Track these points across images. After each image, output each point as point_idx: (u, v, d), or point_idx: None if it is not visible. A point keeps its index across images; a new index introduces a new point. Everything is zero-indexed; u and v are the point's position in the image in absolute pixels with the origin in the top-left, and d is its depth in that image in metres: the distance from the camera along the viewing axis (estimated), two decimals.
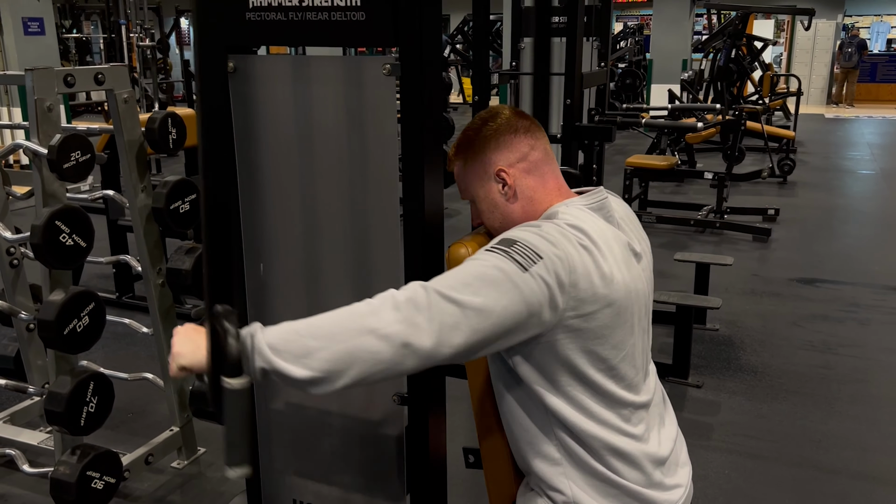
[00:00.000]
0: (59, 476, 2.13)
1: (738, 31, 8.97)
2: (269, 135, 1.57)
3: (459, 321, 1.09)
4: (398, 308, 1.09)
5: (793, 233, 5.82)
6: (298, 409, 1.74)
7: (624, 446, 1.28)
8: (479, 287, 1.12)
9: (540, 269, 1.15)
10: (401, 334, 1.07)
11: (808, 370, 3.47)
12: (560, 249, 1.18)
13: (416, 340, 1.07)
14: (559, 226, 1.25)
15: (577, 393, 1.26)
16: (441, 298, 1.10)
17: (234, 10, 1.48)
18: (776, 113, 11.49)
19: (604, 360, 1.24)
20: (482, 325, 1.11)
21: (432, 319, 1.08)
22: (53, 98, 2.13)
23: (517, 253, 1.16)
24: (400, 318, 1.08)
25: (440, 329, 1.08)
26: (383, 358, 1.07)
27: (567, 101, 3.21)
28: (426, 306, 1.09)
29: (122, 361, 3.58)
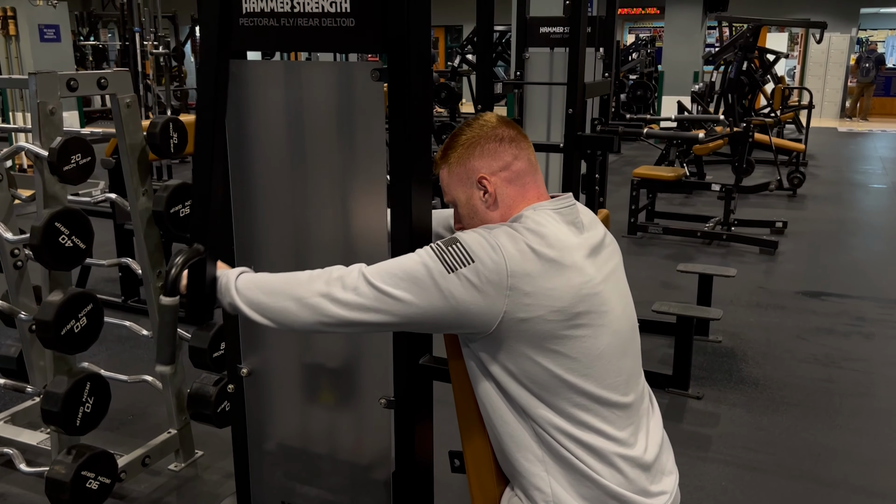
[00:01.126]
0: (54, 475, 2.15)
1: (750, 44, 8.94)
2: (261, 138, 1.59)
3: (376, 306, 1.26)
4: (328, 283, 1.29)
5: (800, 246, 5.79)
6: (287, 412, 1.75)
7: (602, 447, 1.28)
8: (403, 280, 1.25)
9: (467, 273, 1.24)
10: (318, 306, 1.28)
11: (811, 383, 3.44)
12: (498, 254, 1.24)
13: (332, 312, 1.27)
14: (514, 230, 1.29)
15: (550, 393, 1.28)
16: (366, 284, 1.27)
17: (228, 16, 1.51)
18: (788, 126, 11.45)
19: (572, 359, 1.26)
20: (401, 312, 1.26)
21: (351, 300, 1.27)
22: (56, 101, 2.16)
23: (451, 253, 1.25)
24: (325, 291, 1.28)
25: (357, 307, 1.26)
26: (303, 321, 1.30)
27: (569, 111, 3.21)
28: (352, 287, 1.27)
29: (125, 364, 3.60)
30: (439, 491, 1.69)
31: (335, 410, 1.71)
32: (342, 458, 1.72)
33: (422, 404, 1.58)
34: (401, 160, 1.41)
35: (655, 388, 3.31)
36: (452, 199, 1.44)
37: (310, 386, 1.72)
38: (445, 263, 1.24)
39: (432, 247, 1.28)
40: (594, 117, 3.70)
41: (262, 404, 1.75)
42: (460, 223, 1.45)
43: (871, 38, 17.64)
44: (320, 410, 1.73)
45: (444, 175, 1.43)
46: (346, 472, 1.72)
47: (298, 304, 1.30)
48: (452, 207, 1.46)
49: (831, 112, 15.68)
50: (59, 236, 2.09)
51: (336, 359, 1.68)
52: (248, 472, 1.81)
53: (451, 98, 8.05)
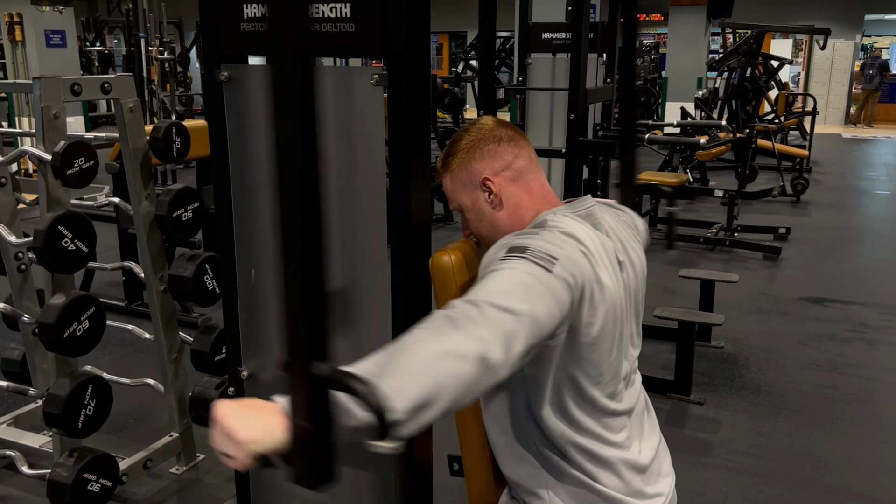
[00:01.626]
0: (55, 478, 2.16)
1: (754, 51, 8.96)
2: (261, 143, 1.60)
3: (517, 329, 1.04)
4: (458, 326, 1.01)
5: (804, 252, 5.78)
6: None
7: (603, 453, 1.29)
8: (521, 293, 1.08)
9: (559, 270, 1.14)
10: (475, 350, 0.98)
11: (813, 389, 3.43)
12: (566, 252, 1.19)
13: (489, 354, 0.99)
14: (554, 233, 1.25)
15: (561, 399, 1.27)
16: (495, 309, 1.04)
17: (228, 21, 1.52)
18: (793, 132, 11.44)
19: (595, 365, 1.25)
20: (533, 330, 1.07)
21: (494, 331, 1.02)
22: (60, 106, 2.18)
23: (535, 257, 1.15)
24: (466, 335, 1.00)
25: (504, 339, 1.02)
26: (467, 378, 0.97)
27: (570, 117, 3.22)
28: (483, 319, 1.02)
29: (127, 367, 3.62)
30: (438, 495, 1.69)
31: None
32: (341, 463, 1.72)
33: None
34: (400, 164, 1.42)
35: (657, 393, 3.33)
36: (458, 205, 1.44)
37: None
38: (541, 266, 1.14)
39: (510, 257, 1.16)
40: (596, 123, 3.71)
41: None
42: (468, 229, 1.46)
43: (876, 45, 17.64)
44: None
45: (447, 182, 1.44)
46: (347, 477, 1.73)
47: (453, 357, 0.98)
48: (459, 213, 1.47)
49: (836, 118, 15.67)
50: (61, 240, 2.10)
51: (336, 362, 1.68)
52: (248, 475, 1.81)
53: (454, 104, 8.07)
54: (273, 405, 0.92)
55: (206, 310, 3.95)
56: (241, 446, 0.88)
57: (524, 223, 1.36)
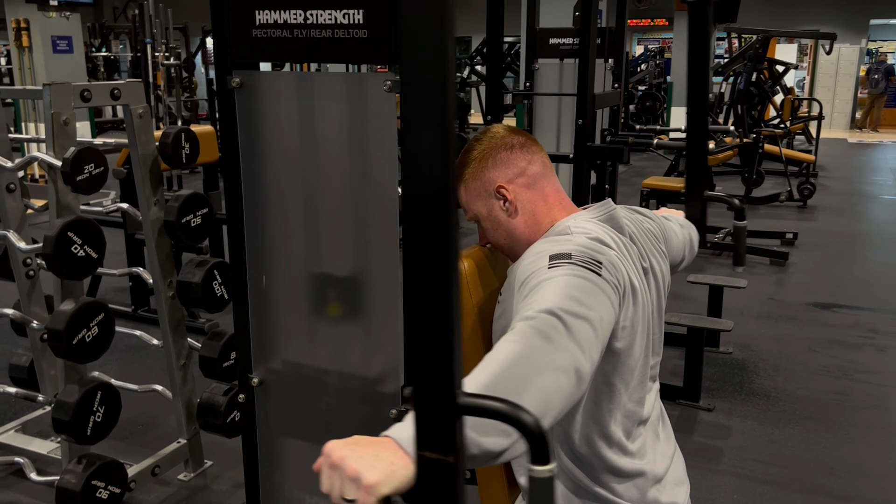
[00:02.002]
0: (64, 485, 2.16)
1: (759, 55, 8.94)
2: (273, 149, 1.60)
3: (592, 336, 1.03)
4: (548, 338, 1.00)
5: (812, 257, 5.76)
6: (296, 424, 1.75)
7: (622, 465, 1.28)
8: (587, 299, 1.07)
9: (606, 273, 1.14)
10: (568, 361, 0.99)
11: (823, 395, 3.41)
12: (605, 255, 1.18)
13: (580, 364, 1.00)
14: (583, 239, 1.24)
15: (599, 405, 1.25)
16: (573, 317, 1.03)
17: (241, 27, 1.52)
18: (798, 137, 11.42)
19: (631, 370, 1.25)
20: (603, 335, 1.07)
21: (579, 341, 1.01)
22: (70, 112, 2.18)
23: (583, 262, 1.14)
24: (556, 346, 0.99)
25: (588, 347, 1.02)
26: (567, 391, 0.97)
27: (579, 122, 3.22)
28: (566, 330, 1.01)
29: (136, 373, 3.61)
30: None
31: (344, 421, 1.71)
32: None
33: None
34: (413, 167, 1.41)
35: (666, 399, 3.30)
36: (474, 216, 1.43)
37: (321, 396, 1.72)
38: (590, 269, 1.13)
39: (558, 265, 1.14)
40: (604, 128, 3.70)
41: (273, 414, 1.75)
42: (485, 239, 1.45)
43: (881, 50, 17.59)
44: (329, 422, 1.72)
45: (461, 193, 1.43)
46: None
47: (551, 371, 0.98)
48: (476, 224, 1.46)
49: (842, 123, 15.64)
50: (71, 245, 2.10)
51: (348, 368, 1.68)
52: (258, 482, 1.80)
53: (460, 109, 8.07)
54: (387, 440, 0.87)
55: (213, 316, 3.95)
56: (369, 490, 0.81)
57: (541, 229, 1.36)
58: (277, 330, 1.70)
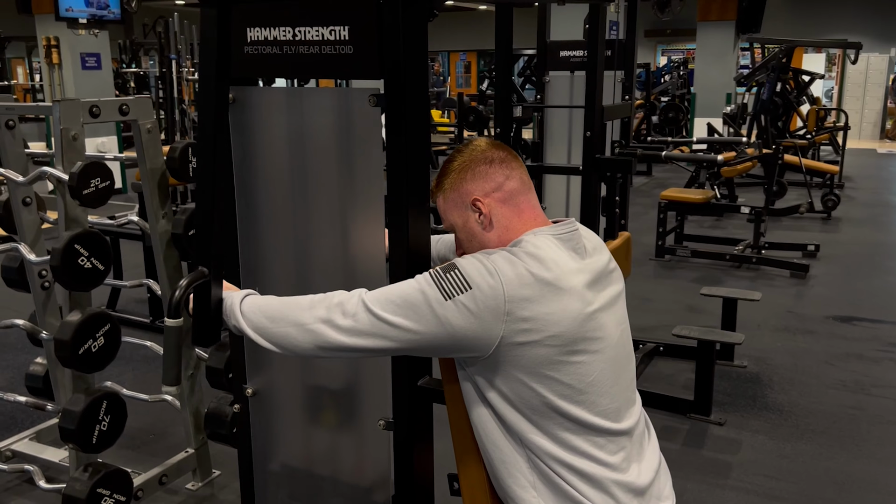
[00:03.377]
0: (70, 492, 2.20)
1: (783, 65, 8.86)
2: (265, 163, 1.63)
3: (374, 331, 1.28)
4: (329, 309, 1.31)
5: (833, 269, 5.67)
6: (290, 433, 1.77)
7: (594, 473, 1.28)
8: (400, 307, 1.27)
9: (464, 299, 1.24)
10: (319, 331, 1.30)
11: (838, 410, 3.36)
12: (496, 279, 1.25)
13: (331, 338, 1.29)
14: (513, 254, 1.29)
15: (543, 419, 1.28)
16: (365, 311, 1.28)
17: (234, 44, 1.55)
18: (826, 147, 11.27)
19: (566, 385, 1.26)
20: (398, 338, 1.27)
21: (351, 326, 1.29)
22: (79, 127, 2.24)
23: (449, 280, 1.26)
24: (325, 316, 1.30)
25: (355, 333, 1.28)
26: (304, 347, 1.32)
27: (587, 134, 3.22)
28: (351, 313, 1.29)
29: (149, 383, 3.66)
30: None
31: (337, 432, 1.72)
32: (344, 480, 1.73)
33: (421, 426, 1.58)
34: (398, 183, 1.43)
35: (676, 413, 3.28)
36: (450, 225, 1.46)
37: (312, 407, 1.74)
38: (443, 290, 1.26)
39: (431, 273, 1.29)
40: (614, 140, 3.69)
41: (267, 424, 1.78)
42: (461, 248, 1.47)
43: None
44: (323, 432, 1.74)
45: (440, 202, 1.46)
46: (348, 495, 1.73)
47: (299, 329, 1.32)
48: (452, 233, 1.48)
49: (870, 133, 15.39)
50: (78, 258, 2.15)
51: (338, 380, 1.70)
52: (253, 491, 1.82)
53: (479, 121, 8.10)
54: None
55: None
56: None
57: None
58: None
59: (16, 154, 2.64)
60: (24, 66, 16.28)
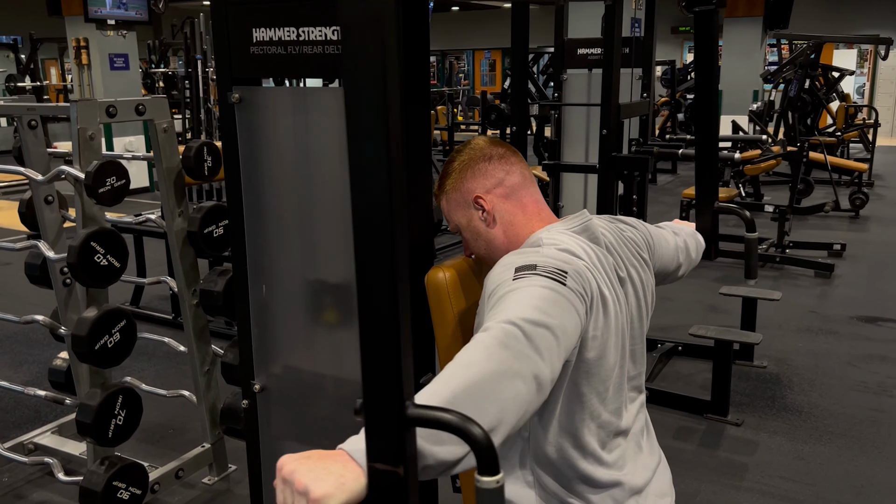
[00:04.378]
0: (86, 485, 2.24)
1: (811, 62, 8.72)
2: (271, 162, 1.65)
3: (554, 344, 1.05)
4: (506, 346, 1.01)
5: (859, 269, 5.58)
6: (297, 428, 1.79)
7: (594, 473, 1.28)
8: (549, 308, 1.09)
9: (571, 283, 1.15)
10: (527, 369, 1.00)
11: (859, 412, 3.31)
12: (572, 265, 1.20)
13: (539, 371, 1.01)
14: (552, 250, 1.26)
15: (572, 417, 1.26)
16: (534, 326, 1.04)
17: (240, 45, 1.58)
18: (855, 145, 11.07)
19: (603, 381, 1.25)
20: (566, 343, 1.09)
21: (539, 348, 1.03)
22: (95, 127, 2.28)
23: (547, 272, 1.15)
24: (514, 354, 1.01)
25: (548, 355, 1.04)
26: (525, 398, 0.99)
27: (603, 132, 3.20)
28: (526, 339, 1.03)
29: (170, 379, 3.72)
30: None
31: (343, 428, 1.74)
32: None
33: None
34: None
35: (693, 413, 3.26)
36: (455, 225, 1.46)
37: (319, 402, 1.76)
38: (555, 280, 1.14)
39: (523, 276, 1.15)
40: (632, 138, 3.67)
41: (275, 419, 1.80)
42: (468, 248, 1.47)
43: None
44: (329, 427, 1.76)
45: (443, 204, 1.46)
46: None
47: (507, 378, 0.99)
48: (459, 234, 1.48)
49: None
50: (94, 255, 2.19)
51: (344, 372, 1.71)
52: (261, 485, 1.85)
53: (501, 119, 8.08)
54: (339, 453, 0.88)
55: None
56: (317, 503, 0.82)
57: (520, 240, 1.37)
58: (278, 337, 1.75)
59: (38, 153, 2.70)
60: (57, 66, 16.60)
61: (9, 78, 13.46)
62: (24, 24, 12.67)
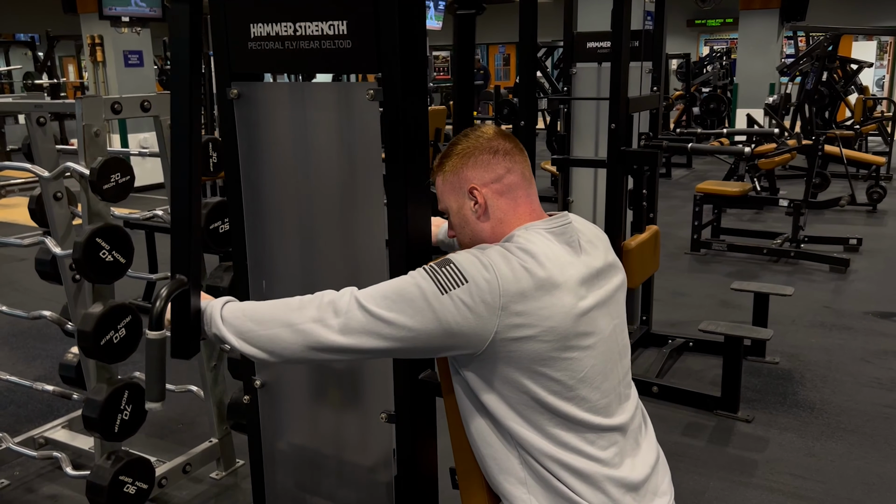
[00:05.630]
0: (93, 479, 2.26)
1: (829, 54, 8.61)
2: (270, 157, 1.64)
3: (368, 329, 1.24)
4: (320, 308, 1.28)
5: (876, 264, 5.50)
6: (297, 424, 1.79)
7: (586, 469, 1.26)
8: (395, 302, 1.24)
9: (461, 293, 1.22)
10: (311, 332, 1.27)
11: (871, 408, 3.26)
12: (491, 273, 1.23)
13: (324, 338, 1.26)
14: (507, 249, 1.28)
15: (533, 415, 1.27)
16: (357, 307, 1.25)
17: (238, 40, 1.57)
18: (875, 138, 10.92)
19: (557, 381, 1.25)
20: (393, 335, 1.24)
21: (344, 324, 1.25)
22: (100, 124, 2.29)
23: (445, 274, 1.23)
24: (317, 316, 1.27)
25: (349, 332, 1.25)
26: (294, 349, 1.28)
27: (612, 126, 3.18)
28: (344, 311, 1.26)
29: (180, 374, 3.71)
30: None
31: (342, 423, 1.74)
32: (349, 471, 1.74)
33: (423, 420, 1.58)
34: (395, 175, 1.43)
35: (703, 409, 3.23)
36: (445, 207, 1.46)
37: (318, 398, 1.76)
38: (439, 284, 1.23)
39: (426, 268, 1.27)
40: (642, 132, 3.64)
41: (276, 415, 1.80)
42: (453, 231, 1.47)
43: None
44: (328, 423, 1.76)
45: (439, 182, 1.45)
46: (354, 485, 1.75)
47: (290, 330, 1.28)
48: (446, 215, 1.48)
49: None
50: (99, 251, 2.20)
51: (343, 372, 1.71)
52: (263, 480, 1.85)
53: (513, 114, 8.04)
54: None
55: None
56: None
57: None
58: None
59: (47, 150, 2.71)
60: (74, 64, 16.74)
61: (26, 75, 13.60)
62: (41, 22, 12.79)
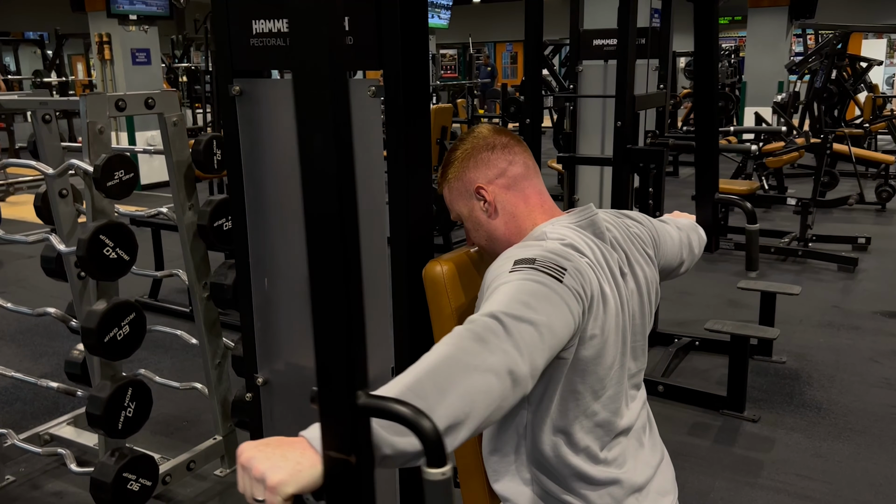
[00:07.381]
0: (97, 476, 2.26)
1: (838, 52, 8.55)
2: (272, 154, 1.64)
3: (537, 340, 1.03)
4: (482, 340, 0.99)
5: (884, 263, 5.46)
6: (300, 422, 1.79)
7: (594, 474, 1.25)
8: (537, 304, 1.06)
9: (569, 280, 1.13)
10: (502, 363, 0.98)
11: (879, 409, 3.24)
12: (573, 262, 1.17)
13: (516, 367, 0.99)
14: (556, 244, 1.23)
15: (566, 415, 1.24)
16: (516, 321, 1.02)
17: (240, 36, 1.57)
18: (885, 137, 10.85)
19: (600, 379, 1.23)
20: (552, 341, 1.06)
21: (518, 344, 1.00)
22: (105, 121, 2.29)
23: (545, 268, 1.13)
24: (491, 348, 0.98)
25: (528, 351, 1.01)
26: (497, 393, 0.96)
27: (617, 124, 3.16)
28: (505, 332, 1.01)
29: (185, 371, 3.75)
30: None
31: None
32: None
33: None
34: (397, 172, 1.43)
35: (709, 409, 3.21)
36: (457, 215, 1.44)
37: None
38: (551, 276, 1.12)
39: (519, 269, 1.13)
40: (648, 130, 3.62)
41: (278, 412, 1.80)
42: (469, 238, 1.45)
43: None
44: None
45: (446, 193, 1.44)
46: None
47: (480, 372, 0.96)
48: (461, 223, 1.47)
49: None
50: (103, 248, 2.20)
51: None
52: None
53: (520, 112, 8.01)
54: (299, 440, 0.87)
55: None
56: (273, 490, 0.82)
57: (522, 232, 1.35)
58: (280, 330, 1.74)
59: (52, 147, 2.71)
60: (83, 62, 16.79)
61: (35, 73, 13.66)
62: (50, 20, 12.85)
